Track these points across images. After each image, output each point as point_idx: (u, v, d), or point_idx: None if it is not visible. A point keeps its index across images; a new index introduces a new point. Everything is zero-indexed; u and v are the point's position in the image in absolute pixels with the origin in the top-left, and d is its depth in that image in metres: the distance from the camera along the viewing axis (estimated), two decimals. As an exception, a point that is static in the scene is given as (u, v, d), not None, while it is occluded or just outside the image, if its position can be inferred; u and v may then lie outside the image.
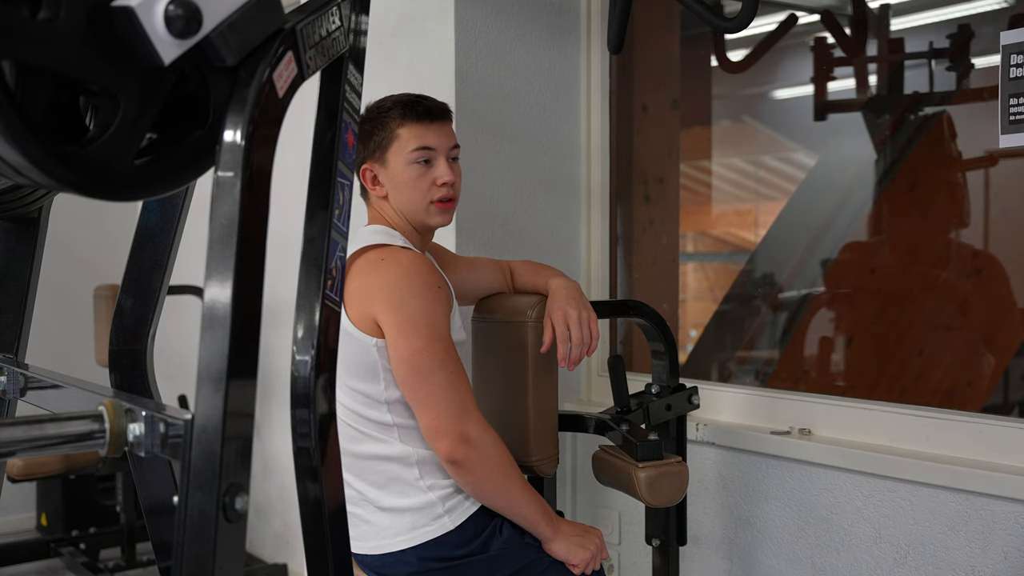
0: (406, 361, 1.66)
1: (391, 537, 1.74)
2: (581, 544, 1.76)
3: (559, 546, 1.75)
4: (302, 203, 1.02)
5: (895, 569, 2.00)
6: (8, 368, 1.20)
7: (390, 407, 1.73)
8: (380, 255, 1.73)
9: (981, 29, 2.52)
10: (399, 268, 1.70)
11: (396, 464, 1.74)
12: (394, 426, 1.74)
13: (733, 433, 2.28)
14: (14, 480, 3.18)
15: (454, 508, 1.73)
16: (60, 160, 0.79)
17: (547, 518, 1.75)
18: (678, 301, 3.16)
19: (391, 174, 1.80)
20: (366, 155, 1.82)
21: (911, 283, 2.74)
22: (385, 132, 1.80)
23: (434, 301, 1.68)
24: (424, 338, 1.66)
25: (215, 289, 0.81)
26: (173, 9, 0.79)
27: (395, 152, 1.79)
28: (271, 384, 3.16)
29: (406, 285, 1.68)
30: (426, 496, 1.73)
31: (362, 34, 1.03)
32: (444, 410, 1.65)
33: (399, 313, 1.67)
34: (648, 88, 2.87)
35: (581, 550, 1.75)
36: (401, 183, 1.80)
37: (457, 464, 1.66)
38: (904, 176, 2.77)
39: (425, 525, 1.72)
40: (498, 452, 1.68)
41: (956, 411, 1.99)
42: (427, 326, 1.66)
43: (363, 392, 1.73)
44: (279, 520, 3.47)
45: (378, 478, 1.75)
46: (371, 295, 1.69)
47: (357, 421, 1.76)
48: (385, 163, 1.80)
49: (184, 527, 0.80)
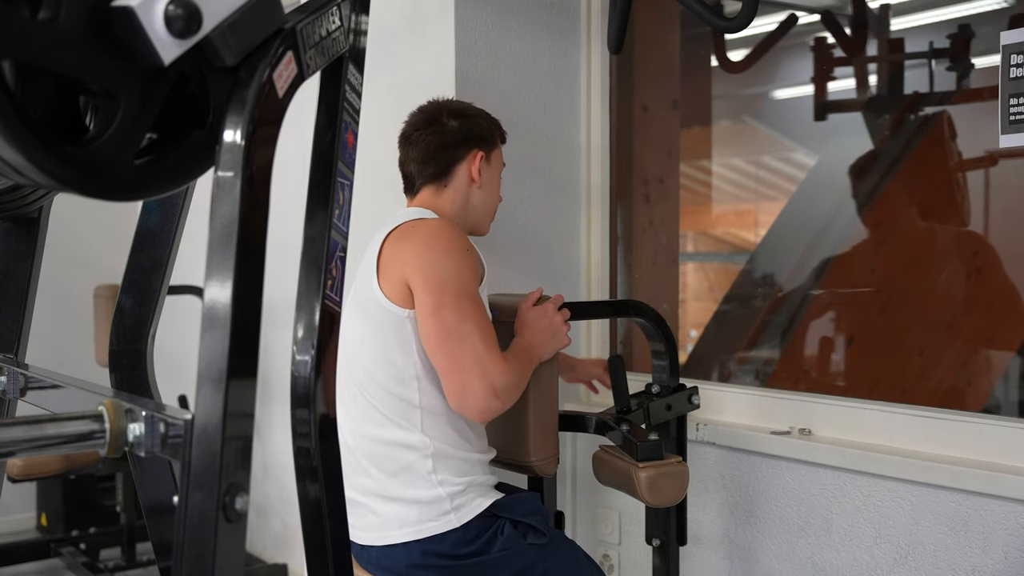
0: (433, 316, 1.69)
1: (396, 528, 1.74)
2: (541, 327, 1.86)
3: (536, 344, 1.84)
4: (302, 203, 1.02)
5: (895, 569, 2.00)
6: (8, 368, 1.20)
7: (420, 384, 1.74)
8: (411, 225, 1.78)
9: (981, 29, 2.52)
10: (427, 233, 1.75)
11: (413, 453, 1.74)
12: (419, 408, 1.74)
13: (733, 433, 2.28)
14: (14, 480, 3.18)
15: (462, 507, 1.74)
16: (60, 160, 0.79)
17: (535, 358, 1.82)
18: (678, 301, 3.16)
19: (491, 173, 1.93)
20: (479, 143, 1.90)
21: (911, 283, 2.74)
22: (493, 133, 1.95)
23: (462, 261, 1.72)
24: (451, 294, 1.68)
25: (215, 289, 0.81)
26: (173, 9, 0.79)
27: (497, 157, 1.96)
28: (271, 384, 3.16)
29: (435, 245, 1.73)
30: (436, 491, 1.73)
31: (362, 34, 1.03)
32: (471, 371, 1.67)
33: (427, 272, 1.70)
34: (648, 88, 2.87)
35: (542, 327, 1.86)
36: (495, 184, 1.95)
37: (490, 416, 1.70)
38: (904, 176, 2.77)
39: (431, 520, 1.73)
40: (517, 379, 1.73)
41: (956, 411, 1.99)
42: (455, 283, 1.69)
43: (396, 364, 1.74)
44: (279, 520, 3.47)
45: (392, 465, 1.76)
46: (401, 260, 1.73)
47: (384, 401, 1.76)
48: (490, 161, 1.93)
49: (184, 527, 0.80)
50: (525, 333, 1.85)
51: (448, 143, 1.87)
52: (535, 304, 1.89)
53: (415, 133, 1.90)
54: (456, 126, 1.88)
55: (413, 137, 1.90)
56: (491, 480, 1.82)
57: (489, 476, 1.83)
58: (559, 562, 1.79)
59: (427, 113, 1.92)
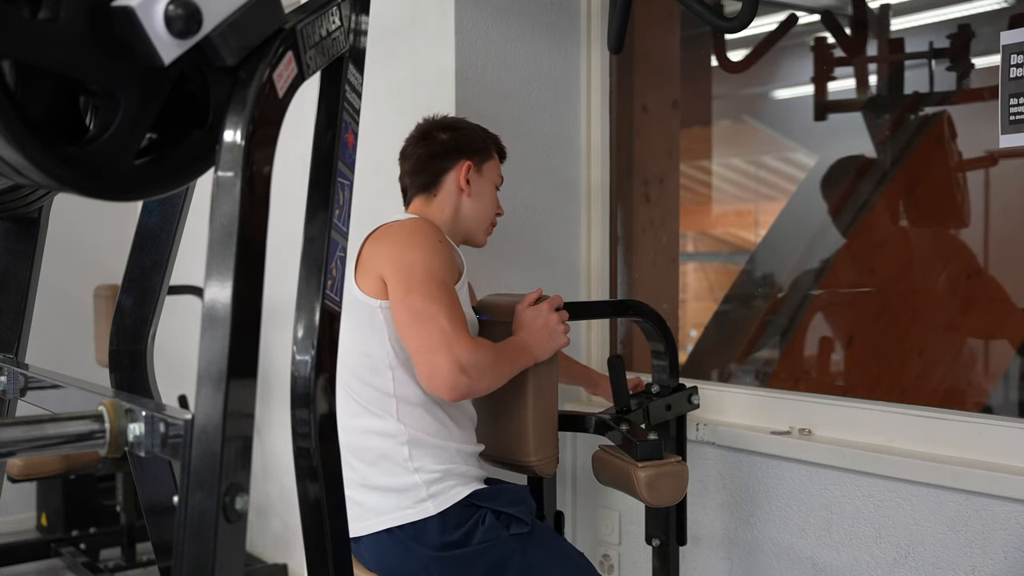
0: (402, 301, 1.73)
1: (375, 517, 1.77)
2: (536, 327, 1.87)
3: (531, 344, 1.86)
4: (302, 203, 1.02)
5: (895, 569, 2.00)
6: (8, 368, 1.20)
7: (394, 373, 1.78)
8: (388, 225, 1.84)
9: (981, 29, 2.52)
10: (401, 228, 1.82)
11: (388, 441, 1.77)
12: (393, 397, 1.78)
13: (733, 433, 2.28)
14: (14, 480, 3.18)
15: (438, 494, 1.75)
16: (60, 160, 0.79)
17: (530, 357, 1.84)
18: (678, 301, 3.16)
19: (482, 184, 1.97)
20: (468, 153, 1.95)
21: (911, 283, 2.74)
22: (487, 146, 1.99)
23: (433, 252, 1.77)
24: (420, 280, 1.72)
25: (215, 289, 0.81)
26: (173, 9, 0.79)
27: (490, 168, 1.99)
28: (271, 384, 3.16)
29: (407, 240, 1.78)
30: (412, 478, 1.75)
31: (362, 34, 1.03)
32: (437, 348, 1.68)
33: (398, 262, 1.76)
34: (648, 88, 2.87)
35: (538, 327, 1.88)
36: (487, 196, 1.98)
37: (461, 394, 1.70)
38: (904, 176, 2.77)
39: (408, 507, 1.75)
40: (490, 361, 1.73)
41: (956, 411, 1.99)
42: (423, 269, 1.74)
43: (370, 355, 1.79)
44: (279, 520, 3.47)
45: (369, 454, 1.79)
46: (375, 255, 1.79)
47: (360, 391, 1.81)
48: (481, 172, 1.97)
49: (184, 527, 0.80)
50: (520, 333, 1.87)
51: (437, 154, 1.95)
52: (533, 304, 1.90)
53: (409, 148, 1.99)
54: (445, 139, 1.96)
55: (407, 151, 1.99)
56: (473, 471, 1.82)
57: (471, 467, 1.83)
58: (542, 553, 1.79)
59: (421, 129, 2.01)
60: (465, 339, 1.70)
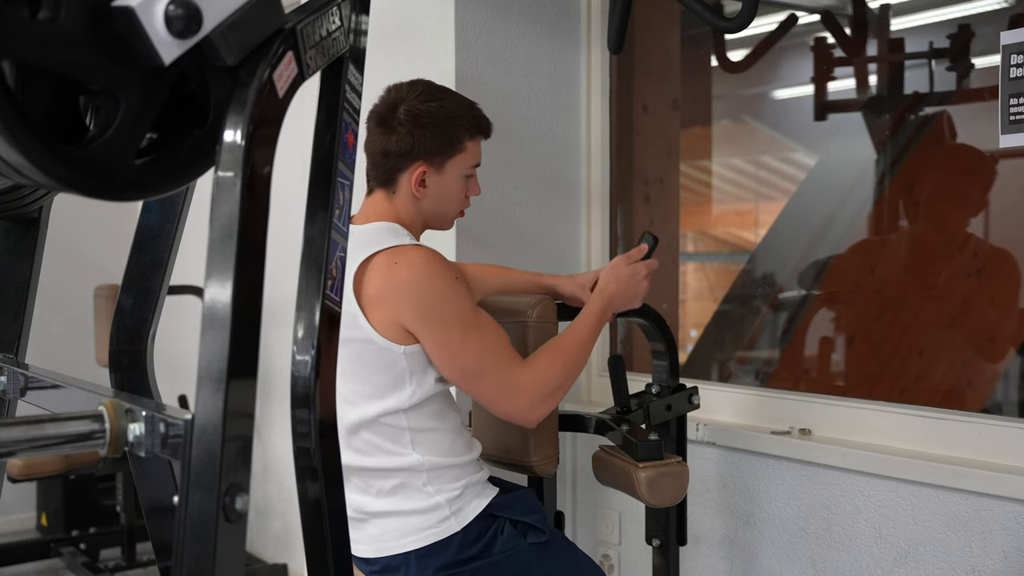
0: (447, 364, 1.70)
1: (397, 539, 1.72)
2: (632, 284, 1.90)
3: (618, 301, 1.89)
4: (302, 203, 1.02)
5: (895, 569, 2.00)
6: (8, 368, 1.20)
7: (407, 413, 1.72)
8: (392, 258, 1.69)
9: (981, 29, 2.52)
10: (414, 270, 1.68)
11: (404, 473, 1.73)
12: (407, 430, 1.72)
13: (733, 433, 2.28)
14: (14, 480, 3.19)
15: (461, 510, 1.73)
16: (60, 160, 0.79)
17: (606, 316, 1.86)
18: (678, 301, 3.16)
19: (442, 183, 1.79)
20: (422, 155, 1.76)
21: (911, 283, 2.74)
22: (451, 140, 1.77)
23: (455, 293, 1.69)
24: (457, 336, 1.68)
25: (215, 289, 0.81)
26: (173, 9, 0.79)
27: (456, 164, 1.79)
28: (271, 384, 3.16)
29: (428, 286, 1.67)
30: (433, 499, 1.72)
31: (362, 34, 1.03)
32: (501, 400, 1.71)
33: (429, 318, 1.67)
34: (648, 88, 2.87)
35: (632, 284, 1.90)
36: (449, 193, 1.80)
37: (544, 416, 1.76)
38: (904, 176, 2.77)
39: (432, 527, 1.71)
40: (559, 368, 1.75)
41: (956, 411, 1.99)
42: (458, 323, 1.68)
43: (387, 399, 1.71)
44: (279, 520, 3.47)
45: (384, 485, 1.74)
46: (393, 301, 1.67)
47: (373, 432, 1.73)
48: (442, 170, 1.78)
49: (184, 527, 0.80)
50: (612, 285, 1.88)
51: (391, 151, 1.76)
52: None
53: (371, 126, 1.81)
54: (402, 134, 1.75)
55: (369, 127, 1.81)
56: (483, 476, 1.81)
57: (481, 472, 1.81)
58: (559, 561, 1.79)
59: (387, 104, 1.79)
60: (524, 374, 1.71)
